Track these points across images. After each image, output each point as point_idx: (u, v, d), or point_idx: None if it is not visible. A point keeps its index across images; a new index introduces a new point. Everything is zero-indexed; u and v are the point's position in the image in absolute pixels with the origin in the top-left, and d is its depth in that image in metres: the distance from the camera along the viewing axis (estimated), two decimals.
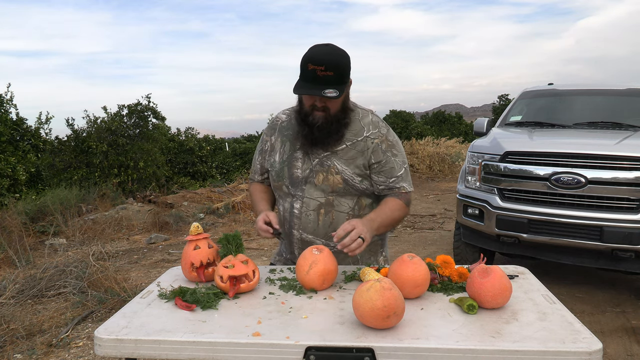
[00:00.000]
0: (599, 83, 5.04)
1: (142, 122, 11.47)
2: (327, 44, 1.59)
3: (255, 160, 1.88)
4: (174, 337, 1.14)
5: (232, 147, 20.30)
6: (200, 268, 1.53)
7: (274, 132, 1.81)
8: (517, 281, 1.49)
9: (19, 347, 2.99)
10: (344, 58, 1.57)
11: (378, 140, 1.70)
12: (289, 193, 1.73)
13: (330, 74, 1.52)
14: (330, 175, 1.67)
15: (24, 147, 10.29)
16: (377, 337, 1.11)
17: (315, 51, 1.56)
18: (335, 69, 1.53)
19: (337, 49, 1.58)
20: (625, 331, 3.17)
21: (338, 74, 1.54)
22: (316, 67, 1.52)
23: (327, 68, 1.52)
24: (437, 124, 29.18)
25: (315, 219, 1.69)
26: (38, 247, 5.72)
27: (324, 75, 1.52)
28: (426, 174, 12.52)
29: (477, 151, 4.04)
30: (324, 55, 1.54)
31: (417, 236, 6.03)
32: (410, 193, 1.75)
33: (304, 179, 1.70)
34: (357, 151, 1.68)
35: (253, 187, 1.89)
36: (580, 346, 1.05)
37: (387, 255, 1.91)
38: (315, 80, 1.53)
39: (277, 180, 1.75)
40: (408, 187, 1.73)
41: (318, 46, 1.58)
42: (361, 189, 1.70)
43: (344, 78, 1.58)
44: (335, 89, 1.53)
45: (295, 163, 1.71)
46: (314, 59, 1.53)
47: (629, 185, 3.28)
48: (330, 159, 1.68)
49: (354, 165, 1.68)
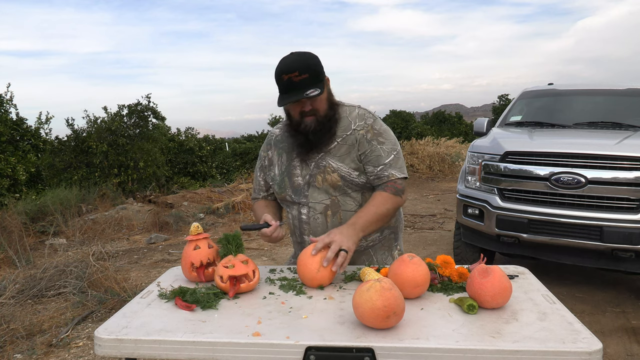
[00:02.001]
0: (599, 83, 5.04)
1: (142, 122, 11.46)
2: (292, 53, 1.64)
3: (258, 178, 1.89)
4: (174, 337, 1.14)
5: (232, 147, 20.31)
6: (200, 268, 1.53)
7: (270, 147, 1.85)
8: (517, 281, 1.49)
9: (19, 347, 2.99)
10: (312, 59, 1.61)
11: (363, 131, 1.70)
12: (293, 201, 1.75)
13: (305, 76, 1.57)
14: (328, 174, 1.68)
15: (24, 147, 10.30)
16: (377, 337, 1.11)
17: (284, 62, 1.61)
18: (308, 70, 1.57)
19: (304, 53, 1.63)
20: (625, 331, 3.17)
21: (312, 75, 1.58)
22: (291, 75, 1.57)
23: (300, 72, 1.56)
24: (437, 124, 29.20)
25: (324, 221, 1.70)
26: (38, 247, 5.72)
27: (300, 80, 1.57)
28: (426, 174, 12.51)
29: (477, 151, 4.04)
30: (293, 62, 1.59)
31: (417, 236, 6.03)
32: (400, 180, 1.69)
33: (305, 184, 1.72)
34: (348, 146, 1.70)
35: (256, 205, 1.90)
36: (580, 346, 1.05)
37: (402, 249, 1.91)
38: (294, 88, 1.58)
39: (280, 192, 1.78)
40: (398, 173, 1.68)
41: (284, 57, 1.63)
42: (361, 183, 1.70)
43: (320, 76, 1.61)
44: (315, 87, 1.58)
45: (294, 171, 1.74)
46: (285, 68, 1.58)
47: (629, 185, 3.28)
48: (325, 159, 1.69)
49: (349, 159, 1.69)
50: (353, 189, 1.70)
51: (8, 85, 10.45)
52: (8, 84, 10.42)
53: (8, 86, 10.45)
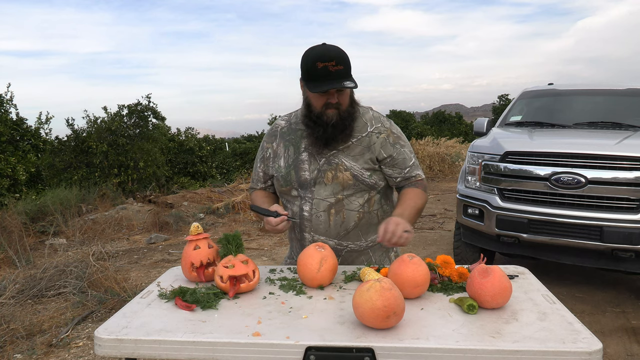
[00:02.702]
0: (599, 83, 5.04)
1: (142, 122, 11.46)
2: (324, 43, 1.62)
3: (257, 168, 1.87)
4: (174, 337, 1.14)
5: (232, 147, 20.31)
6: (200, 268, 1.53)
7: (275, 139, 1.81)
8: (517, 281, 1.49)
9: (19, 347, 2.99)
10: (346, 53, 1.61)
11: (384, 134, 1.71)
12: (297, 196, 1.73)
13: (341, 67, 1.56)
14: (340, 172, 1.67)
15: (24, 147, 10.30)
16: (377, 337, 1.11)
17: (319, 50, 1.59)
18: (344, 63, 1.57)
19: (337, 46, 1.62)
20: (625, 331, 3.17)
21: (347, 68, 1.58)
22: (327, 64, 1.55)
23: (337, 62, 1.55)
24: (437, 124, 29.21)
25: (327, 219, 1.69)
26: (38, 247, 5.72)
27: (336, 70, 1.56)
28: (426, 174, 12.52)
29: (477, 151, 4.04)
30: (331, 52, 1.57)
31: (417, 236, 6.03)
32: (425, 179, 1.80)
33: (312, 180, 1.70)
34: (364, 147, 1.70)
35: (254, 195, 1.87)
36: (580, 346, 1.05)
37: (398, 251, 1.91)
38: (330, 76, 1.56)
39: (284, 185, 1.74)
40: (422, 173, 1.78)
41: (318, 46, 1.61)
42: (370, 183, 1.71)
43: (351, 71, 1.62)
44: (349, 80, 1.58)
45: (302, 166, 1.71)
46: (323, 56, 1.56)
47: (629, 185, 3.28)
48: (338, 157, 1.68)
49: (362, 160, 1.69)
50: (362, 189, 1.70)
51: (8, 85, 10.47)
52: (8, 84, 10.43)
53: (8, 86, 10.46)
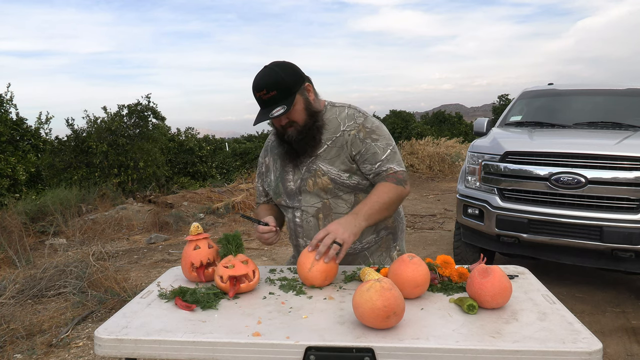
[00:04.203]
0: (599, 83, 5.04)
1: (142, 122, 11.46)
2: (266, 66, 1.62)
3: (258, 184, 1.95)
4: (174, 337, 1.14)
5: (232, 147, 20.32)
6: (200, 268, 1.54)
7: (267, 154, 1.88)
8: (517, 281, 1.49)
9: (19, 347, 2.99)
10: (282, 72, 1.59)
11: (355, 131, 1.68)
12: (287, 206, 1.78)
13: (273, 93, 1.57)
14: (318, 178, 1.68)
15: (24, 147, 10.30)
16: (377, 337, 1.11)
17: (255, 78, 1.61)
18: (275, 87, 1.57)
19: (274, 67, 1.60)
20: (625, 331, 3.17)
21: (281, 91, 1.57)
22: (259, 93, 1.59)
23: (268, 90, 1.57)
24: (437, 124, 29.20)
25: (316, 224, 1.71)
26: (38, 247, 5.72)
27: (268, 98, 1.58)
28: (426, 174, 12.51)
29: (477, 151, 4.04)
30: (261, 79, 1.59)
31: (417, 236, 6.03)
32: (401, 172, 1.69)
33: (297, 189, 1.73)
34: (338, 147, 1.69)
35: (259, 209, 1.94)
36: (580, 346, 1.05)
37: (403, 249, 1.88)
38: (264, 105, 1.60)
39: (276, 197, 1.81)
40: (396, 167, 1.68)
41: (258, 73, 1.62)
42: (352, 184, 1.69)
43: (290, 90, 1.59)
44: (282, 104, 1.57)
45: (287, 177, 1.76)
46: (256, 85, 1.60)
47: (629, 185, 3.28)
48: (315, 163, 1.69)
49: (339, 162, 1.68)
50: (344, 191, 1.70)
51: (8, 85, 10.47)
52: (8, 84, 10.44)
53: (8, 86, 10.47)
